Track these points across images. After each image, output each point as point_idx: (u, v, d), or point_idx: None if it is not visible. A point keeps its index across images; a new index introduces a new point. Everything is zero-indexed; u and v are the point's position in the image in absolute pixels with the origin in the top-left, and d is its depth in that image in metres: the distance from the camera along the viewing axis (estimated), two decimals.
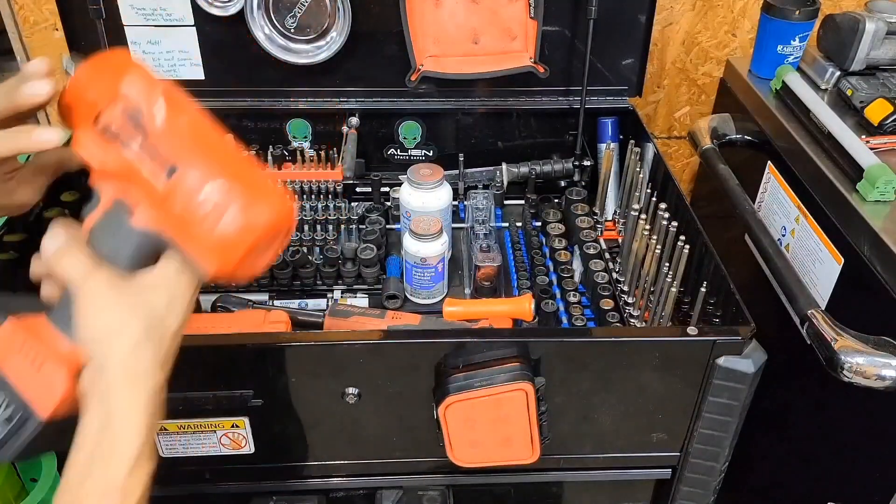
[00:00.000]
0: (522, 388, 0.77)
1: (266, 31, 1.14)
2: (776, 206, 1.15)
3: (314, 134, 1.26)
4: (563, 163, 1.24)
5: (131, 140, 0.53)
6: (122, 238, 0.55)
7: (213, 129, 0.56)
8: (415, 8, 1.14)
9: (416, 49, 1.16)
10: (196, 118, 0.56)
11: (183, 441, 0.85)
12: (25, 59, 1.42)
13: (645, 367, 0.82)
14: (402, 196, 1.09)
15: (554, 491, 0.99)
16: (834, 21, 1.14)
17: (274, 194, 0.55)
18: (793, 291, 0.88)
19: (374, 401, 0.83)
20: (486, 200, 1.19)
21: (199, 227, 0.52)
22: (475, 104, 1.25)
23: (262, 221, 0.53)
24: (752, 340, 0.81)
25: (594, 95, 1.24)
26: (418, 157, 1.29)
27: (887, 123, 1.03)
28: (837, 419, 1.01)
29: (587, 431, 0.88)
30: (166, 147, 0.53)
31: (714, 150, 1.14)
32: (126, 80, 0.54)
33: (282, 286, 1.06)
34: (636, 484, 0.98)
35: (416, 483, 0.94)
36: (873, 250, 0.91)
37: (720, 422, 0.86)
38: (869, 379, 0.78)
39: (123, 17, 1.15)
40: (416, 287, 1.05)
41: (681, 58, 1.49)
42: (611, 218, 1.18)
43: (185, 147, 0.53)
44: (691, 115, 1.57)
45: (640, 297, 0.97)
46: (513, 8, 1.15)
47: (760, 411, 0.95)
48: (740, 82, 1.28)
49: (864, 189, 0.95)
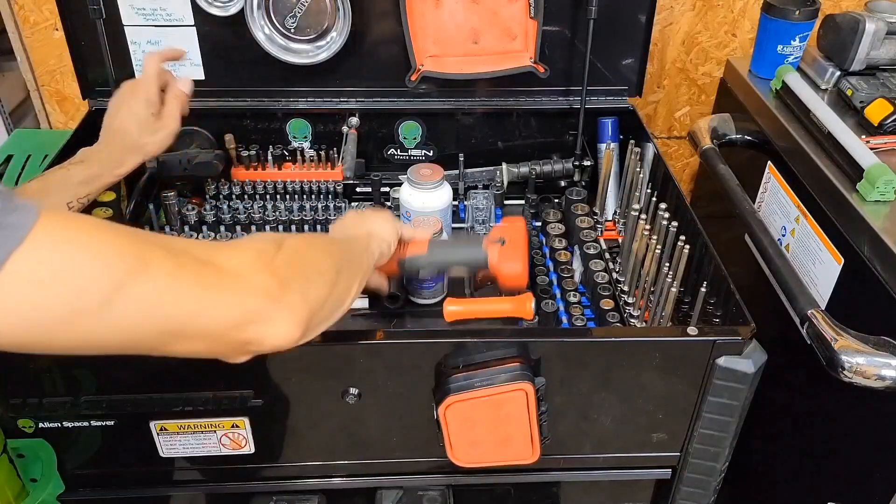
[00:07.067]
0: (522, 388, 0.77)
1: (266, 31, 1.14)
2: (776, 206, 1.15)
3: (314, 134, 1.26)
4: (563, 163, 1.24)
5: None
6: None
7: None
8: (415, 8, 1.14)
9: (416, 49, 1.16)
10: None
11: (183, 441, 0.85)
12: (25, 59, 1.42)
13: (645, 367, 0.82)
14: (403, 196, 1.09)
15: (554, 491, 0.99)
16: (834, 21, 1.14)
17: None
18: (793, 291, 0.88)
19: (374, 401, 0.83)
20: (486, 200, 1.19)
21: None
22: (475, 104, 1.25)
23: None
24: (752, 340, 0.81)
25: (594, 95, 1.24)
26: (418, 157, 1.29)
27: (887, 123, 1.03)
28: (837, 419, 1.01)
29: (587, 431, 0.88)
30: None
31: (714, 150, 1.14)
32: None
33: None
34: (636, 484, 0.98)
35: (416, 483, 0.94)
36: (873, 250, 0.91)
37: (720, 422, 0.86)
38: (869, 379, 0.78)
39: (123, 17, 1.15)
40: (417, 287, 1.05)
41: (681, 58, 1.49)
42: (611, 218, 1.18)
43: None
44: (691, 115, 1.57)
45: (640, 297, 0.97)
46: (513, 8, 1.15)
47: (760, 411, 0.95)
48: (740, 82, 1.28)
49: (864, 189, 0.95)
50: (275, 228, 1.12)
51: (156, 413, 0.83)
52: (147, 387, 0.81)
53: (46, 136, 1.46)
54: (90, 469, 0.89)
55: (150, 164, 1.15)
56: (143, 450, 0.86)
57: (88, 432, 0.84)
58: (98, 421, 0.83)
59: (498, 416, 0.79)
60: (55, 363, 0.79)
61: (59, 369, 0.79)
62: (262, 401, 0.82)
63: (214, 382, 0.81)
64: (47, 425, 0.83)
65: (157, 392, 0.81)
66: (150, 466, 0.88)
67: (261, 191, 1.18)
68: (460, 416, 0.79)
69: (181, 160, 1.15)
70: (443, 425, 0.80)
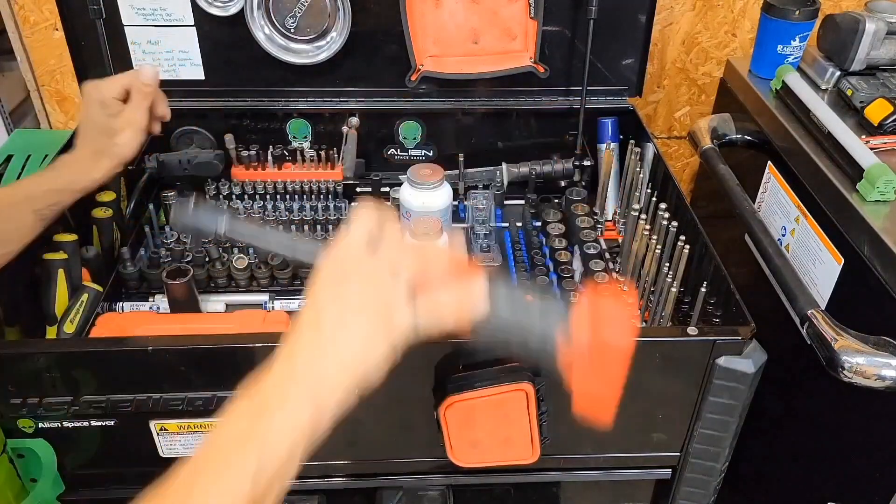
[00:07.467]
0: (522, 388, 0.77)
1: (266, 31, 1.14)
2: (776, 206, 1.15)
3: (314, 134, 1.26)
4: (563, 163, 1.24)
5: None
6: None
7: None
8: (415, 8, 1.14)
9: (416, 49, 1.16)
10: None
11: (183, 441, 0.85)
12: (25, 59, 1.42)
13: (645, 367, 0.82)
14: (403, 196, 1.09)
15: (554, 491, 0.99)
16: (834, 21, 1.14)
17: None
18: (793, 291, 0.88)
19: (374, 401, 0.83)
20: (486, 200, 1.19)
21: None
22: (475, 104, 1.25)
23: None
24: (752, 340, 0.81)
25: (594, 95, 1.24)
26: (418, 157, 1.29)
27: (887, 123, 1.03)
28: (837, 419, 1.01)
29: (587, 431, 0.88)
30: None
31: (714, 150, 1.14)
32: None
33: (282, 286, 1.06)
34: (636, 484, 0.98)
35: (416, 483, 0.94)
36: (873, 250, 0.91)
37: (720, 422, 0.86)
38: (869, 379, 0.78)
39: (123, 17, 1.15)
40: None
41: (681, 58, 1.49)
42: (611, 218, 1.18)
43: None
44: (691, 115, 1.57)
45: (640, 297, 0.97)
46: (513, 8, 1.15)
47: (760, 411, 0.95)
48: (740, 82, 1.28)
49: (864, 189, 0.95)
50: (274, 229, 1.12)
51: (156, 413, 0.82)
52: (147, 387, 0.81)
53: (46, 136, 1.46)
54: (90, 469, 0.89)
55: (150, 164, 1.15)
56: (143, 450, 0.86)
57: (88, 432, 0.84)
58: (98, 421, 0.83)
59: (498, 416, 0.79)
60: (55, 363, 0.79)
61: (59, 369, 0.79)
62: None
63: (214, 382, 0.81)
64: (47, 425, 0.83)
65: (157, 392, 0.81)
66: (150, 466, 0.88)
67: (261, 191, 1.18)
68: (460, 416, 0.79)
69: (181, 160, 1.15)
70: (443, 425, 0.80)
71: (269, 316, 0.95)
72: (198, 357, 0.80)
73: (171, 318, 0.97)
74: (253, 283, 1.05)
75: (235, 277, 1.05)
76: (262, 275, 1.05)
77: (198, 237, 1.02)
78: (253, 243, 0.91)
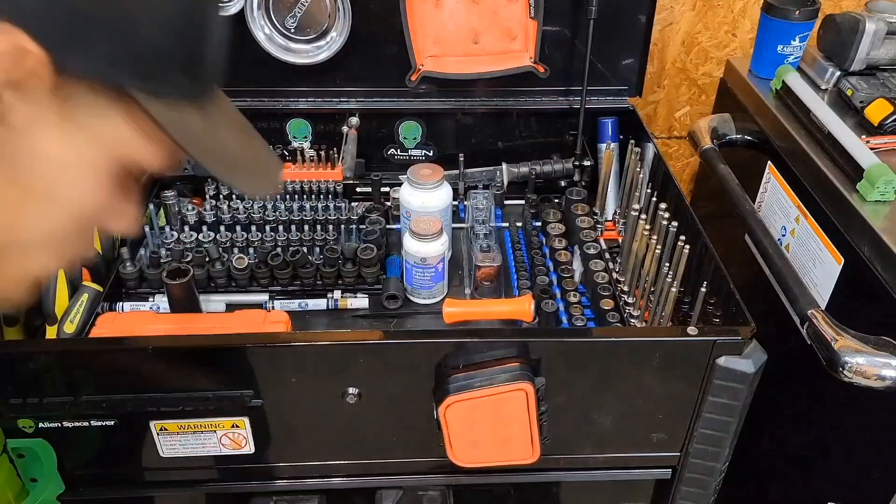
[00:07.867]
0: (522, 388, 0.77)
1: (266, 31, 1.14)
2: (776, 206, 1.15)
3: (314, 134, 1.26)
4: (563, 163, 1.24)
5: None
6: None
7: None
8: (415, 8, 1.14)
9: (416, 49, 1.16)
10: None
11: (183, 441, 0.85)
12: None
13: (645, 367, 0.82)
14: (402, 196, 1.09)
15: (554, 491, 0.99)
16: (834, 21, 1.14)
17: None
18: (793, 291, 0.88)
19: (374, 401, 0.83)
20: (486, 200, 1.19)
21: None
22: (475, 104, 1.25)
23: None
24: (752, 340, 0.81)
25: (594, 95, 1.24)
26: (418, 157, 1.29)
27: (887, 123, 1.03)
28: (837, 419, 1.01)
29: (587, 431, 0.88)
30: None
31: (714, 150, 1.14)
32: None
33: (282, 286, 1.06)
34: (636, 484, 0.98)
35: (416, 483, 0.94)
36: (873, 250, 0.91)
37: (720, 422, 0.86)
38: (869, 379, 0.78)
39: None
40: (417, 287, 1.05)
41: (681, 58, 1.49)
42: (611, 218, 1.18)
43: None
44: (691, 115, 1.57)
45: (640, 297, 0.97)
46: (513, 8, 1.15)
47: (760, 411, 0.95)
48: (740, 82, 1.28)
49: (864, 189, 0.95)
50: (275, 228, 1.12)
51: (156, 413, 0.82)
52: (147, 387, 0.81)
53: None
54: (90, 469, 0.89)
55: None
56: (143, 450, 0.86)
57: (88, 432, 0.84)
58: (98, 421, 0.83)
59: (498, 416, 0.79)
60: (55, 363, 0.79)
61: (59, 369, 0.79)
62: (262, 401, 0.82)
63: (214, 382, 0.81)
64: (47, 425, 0.83)
65: (157, 392, 0.81)
66: (150, 466, 0.88)
67: None
68: (460, 416, 0.79)
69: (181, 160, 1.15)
70: (443, 425, 0.80)
71: (269, 316, 0.95)
72: (198, 357, 0.80)
73: (171, 318, 0.97)
74: (253, 283, 1.05)
75: (235, 277, 1.05)
76: (262, 275, 1.05)
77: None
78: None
